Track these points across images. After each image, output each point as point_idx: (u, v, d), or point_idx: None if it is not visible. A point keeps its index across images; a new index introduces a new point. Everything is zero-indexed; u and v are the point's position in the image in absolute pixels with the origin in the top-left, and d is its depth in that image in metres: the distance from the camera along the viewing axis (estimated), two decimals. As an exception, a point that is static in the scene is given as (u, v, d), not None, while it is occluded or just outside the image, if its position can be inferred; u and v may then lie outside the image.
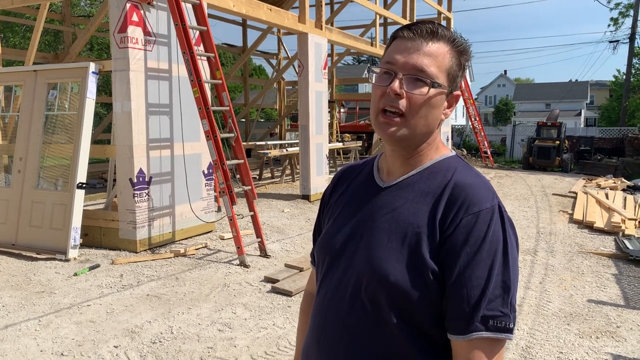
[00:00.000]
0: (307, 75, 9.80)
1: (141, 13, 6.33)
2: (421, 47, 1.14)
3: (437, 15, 16.48)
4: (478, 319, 1.05)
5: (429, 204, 1.14)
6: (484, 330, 1.05)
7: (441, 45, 1.15)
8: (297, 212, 9.04)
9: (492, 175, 15.38)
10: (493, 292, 1.06)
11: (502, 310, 1.06)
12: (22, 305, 4.59)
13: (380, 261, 1.13)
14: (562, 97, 45.87)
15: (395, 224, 1.15)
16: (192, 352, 3.71)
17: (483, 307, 1.05)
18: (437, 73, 1.14)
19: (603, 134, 24.33)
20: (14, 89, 7.25)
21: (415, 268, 1.10)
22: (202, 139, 6.62)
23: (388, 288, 1.11)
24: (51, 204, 6.30)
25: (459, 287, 1.07)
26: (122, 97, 6.25)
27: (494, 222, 1.09)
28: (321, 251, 1.30)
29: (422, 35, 1.14)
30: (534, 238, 7.36)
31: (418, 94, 1.13)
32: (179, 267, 5.75)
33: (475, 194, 1.12)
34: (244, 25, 16.05)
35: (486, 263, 1.07)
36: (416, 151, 1.20)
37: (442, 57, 1.15)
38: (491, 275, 1.06)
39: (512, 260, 1.10)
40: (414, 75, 1.13)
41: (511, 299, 1.08)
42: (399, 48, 1.15)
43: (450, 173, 1.17)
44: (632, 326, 4.26)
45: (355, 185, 1.31)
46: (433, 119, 1.17)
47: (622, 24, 30.07)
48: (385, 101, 1.14)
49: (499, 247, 1.09)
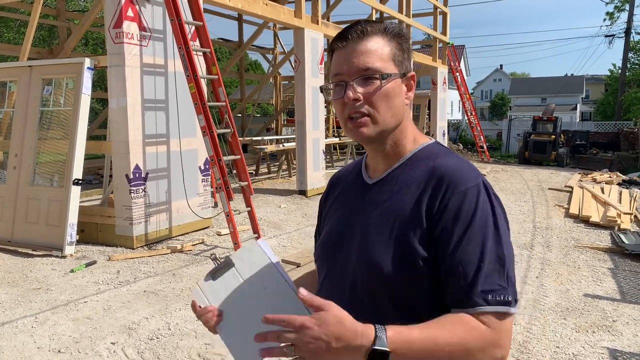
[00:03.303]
0: (304, 71, 9.78)
1: (136, 8, 6.29)
2: (357, 49, 1.17)
3: (434, 10, 16.46)
4: (477, 293, 1.05)
5: (413, 193, 1.16)
6: (485, 304, 1.05)
7: (375, 39, 1.18)
8: (294, 207, 9.04)
9: (489, 169, 15.41)
10: (488, 266, 1.07)
11: (500, 283, 1.07)
12: (18, 302, 4.57)
13: (372, 255, 1.15)
14: (558, 92, 45.91)
15: (383, 218, 1.18)
16: (189, 349, 3.71)
17: (481, 282, 1.06)
18: (382, 65, 1.16)
19: (599, 128, 24.39)
20: (8, 85, 7.22)
21: (405, 257, 1.12)
22: (199, 134, 6.60)
23: (382, 280, 1.13)
24: (47, 200, 6.28)
25: (454, 264, 1.08)
26: (118, 92, 6.22)
27: (482, 199, 1.11)
28: (319, 254, 1.34)
29: (353, 39, 1.17)
30: (530, 232, 7.38)
31: (372, 91, 1.16)
32: (176, 263, 5.75)
33: (459, 174, 1.14)
34: (240, 20, 15.98)
35: (478, 239, 1.08)
36: (394, 144, 1.23)
37: (380, 49, 1.17)
38: (485, 251, 1.08)
39: (504, 235, 1.11)
40: (362, 76, 1.16)
41: (507, 272, 1.09)
42: (339, 59, 1.19)
43: (432, 160, 1.20)
44: (628, 320, 4.28)
45: (347, 187, 1.35)
46: (398, 107, 1.19)
47: (618, 19, 30.10)
48: (348, 110, 1.17)
49: (489, 223, 1.10)
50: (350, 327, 0.96)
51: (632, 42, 29.16)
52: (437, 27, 16.85)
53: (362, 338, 0.96)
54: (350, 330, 0.95)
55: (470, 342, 1.03)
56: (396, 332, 0.98)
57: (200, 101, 6.08)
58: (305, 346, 0.94)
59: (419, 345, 0.99)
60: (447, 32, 17.62)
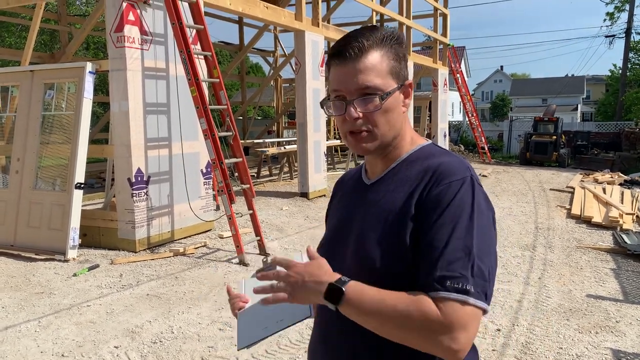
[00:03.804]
0: (304, 73, 9.79)
1: (137, 12, 6.31)
2: (356, 67, 1.17)
3: (434, 12, 16.48)
4: (436, 277, 1.05)
5: (406, 190, 1.19)
6: (441, 289, 1.04)
7: (373, 54, 1.18)
8: (296, 209, 9.04)
9: (490, 170, 15.40)
10: (452, 253, 1.07)
11: (462, 272, 1.05)
12: (21, 307, 4.58)
13: (368, 251, 1.18)
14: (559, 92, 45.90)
15: (377, 215, 1.21)
16: (192, 352, 3.71)
17: (440, 267, 1.06)
18: (381, 82, 1.18)
19: (600, 128, 24.38)
20: (10, 90, 7.23)
21: (399, 252, 1.14)
22: (200, 137, 6.61)
23: (377, 275, 1.15)
24: (49, 204, 6.29)
25: (423, 248, 1.11)
26: (120, 96, 6.23)
27: (463, 190, 1.13)
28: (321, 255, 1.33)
29: (351, 57, 1.17)
30: (532, 233, 7.38)
31: (373, 109, 1.18)
32: (179, 266, 5.75)
33: (448, 169, 1.17)
34: (241, 23, 16.02)
35: (448, 226, 1.09)
36: (393, 147, 1.26)
37: (379, 64, 1.18)
38: (451, 238, 1.08)
39: (479, 227, 1.10)
40: (362, 97, 1.18)
41: (473, 262, 1.06)
42: (337, 76, 1.20)
43: (427, 160, 1.22)
44: (632, 321, 4.27)
45: (348, 190, 1.40)
46: (396, 119, 1.22)
47: (618, 19, 30.13)
48: (349, 126, 1.20)
49: (464, 213, 1.10)
50: (324, 270, 1.14)
51: (633, 42, 29.17)
52: (438, 28, 16.86)
53: (328, 277, 1.12)
54: (323, 271, 1.13)
55: (413, 315, 1.03)
56: (356, 283, 1.10)
57: (202, 104, 6.09)
58: (288, 279, 1.13)
59: (368, 298, 1.08)
60: (448, 34, 17.64)
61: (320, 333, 1.31)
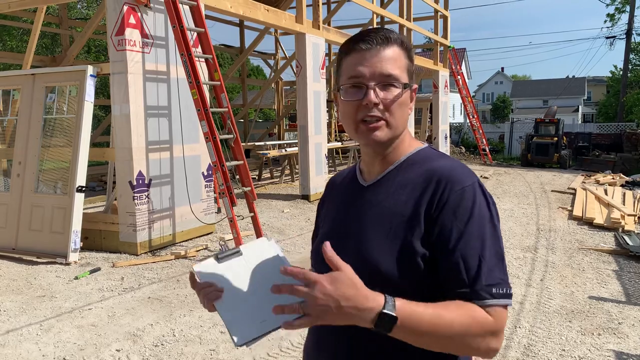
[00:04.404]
0: (305, 75, 9.80)
1: (138, 15, 6.32)
2: (381, 54, 1.19)
3: (434, 14, 16.49)
4: (482, 287, 1.08)
5: (409, 194, 1.19)
6: (490, 298, 1.08)
7: (395, 48, 1.20)
8: (297, 212, 9.04)
9: (491, 172, 15.39)
10: (490, 260, 1.10)
11: (502, 277, 1.11)
12: (23, 310, 4.58)
13: (370, 254, 1.17)
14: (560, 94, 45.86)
15: (379, 217, 1.20)
16: (194, 355, 3.71)
17: (484, 276, 1.09)
18: (400, 74, 1.20)
19: (601, 129, 24.35)
20: (12, 93, 7.24)
21: (405, 256, 1.14)
22: (202, 140, 6.62)
23: (380, 279, 1.13)
24: (51, 207, 6.29)
25: (456, 259, 1.10)
26: (121, 99, 6.24)
27: (478, 197, 1.15)
28: (315, 257, 1.34)
29: (378, 43, 1.19)
30: (534, 235, 7.37)
31: (393, 98, 1.19)
32: (180, 269, 5.75)
33: (455, 174, 1.18)
34: (242, 26, 16.03)
35: (478, 235, 1.12)
36: (393, 149, 1.26)
37: (399, 58, 1.21)
38: (485, 246, 1.11)
39: (499, 232, 1.17)
40: (384, 82, 1.18)
41: (505, 265, 1.14)
42: (359, 61, 1.19)
43: (427, 163, 1.23)
44: (634, 322, 4.26)
45: (342, 190, 1.38)
46: (406, 116, 1.24)
47: (619, 20, 30.12)
48: (363, 113, 1.19)
49: (487, 219, 1.14)
50: (361, 290, 0.99)
51: (633, 44, 29.16)
52: (438, 30, 16.88)
53: (372, 302, 0.98)
54: (361, 293, 0.98)
55: (472, 327, 1.05)
56: (404, 302, 1.01)
57: (203, 107, 6.09)
58: (314, 302, 0.96)
59: (423, 318, 1.01)
60: (448, 36, 17.65)
61: (315, 339, 1.29)
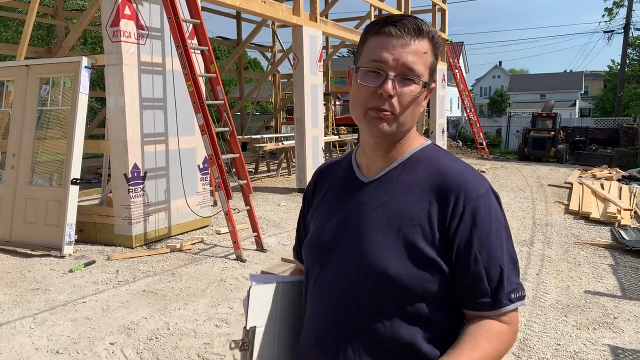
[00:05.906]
0: (302, 68, 9.75)
1: (133, 6, 6.26)
2: (409, 45, 1.13)
3: (432, 7, 16.42)
4: (504, 295, 1.12)
5: (418, 196, 1.15)
6: (509, 304, 1.13)
7: (425, 43, 1.15)
8: (294, 205, 9.02)
9: (488, 166, 15.39)
10: (508, 267, 1.14)
11: (517, 282, 1.15)
12: (16, 303, 4.56)
13: (378, 256, 1.13)
14: (557, 88, 45.84)
15: (386, 219, 1.15)
16: (188, 349, 3.69)
17: (506, 284, 1.12)
18: (423, 71, 1.14)
19: (598, 124, 24.37)
20: (5, 84, 7.18)
21: (414, 260, 1.11)
22: (197, 133, 6.58)
23: (388, 282, 1.11)
24: (45, 200, 6.25)
25: (478, 269, 1.11)
26: (116, 91, 6.19)
27: (493, 205, 1.15)
28: (311, 253, 1.28)
29: (409, 32, 1.13)
30: (530, 229, 7.37)
31: (409, 94, 1.13)
32: (175, 263, 5.73)
33: (469, 181, 1.15)
34: (238, 18, 15.94)
35: (498, 243, 1.13)
36: (397, 144, 1.21)
37: (426, 54, 1.15)
38: (503, 253, 1.13)
39: (510, 234, 1.19)
40: (405, 75, 1.12)
41: (518, 268, 1.18)
42: (385, 46, 1.13)
43: (433, 162, 1.19)
44: (630, 317, 4.26)
45: (337, 183, 1.30)
46: (417, 115, 1.19)
47: (617, 14, 30.03)
48: (376, 102, 1.13)
49: (502, 226, 1.16)
50: None
51: (631, 38, 29.12)
52: (436, 24, 16.80)
53: None
54: None
55: (502, 348, 1.13)
56: None
57: (199, 100, 6.05)
58: None
59: None
60: (446, 29, 17.59)
61: (313, 339, 1.23)
